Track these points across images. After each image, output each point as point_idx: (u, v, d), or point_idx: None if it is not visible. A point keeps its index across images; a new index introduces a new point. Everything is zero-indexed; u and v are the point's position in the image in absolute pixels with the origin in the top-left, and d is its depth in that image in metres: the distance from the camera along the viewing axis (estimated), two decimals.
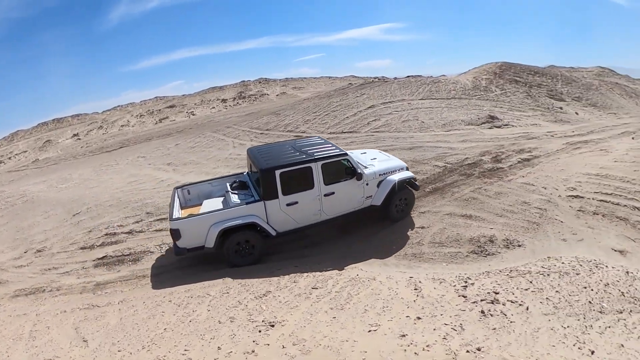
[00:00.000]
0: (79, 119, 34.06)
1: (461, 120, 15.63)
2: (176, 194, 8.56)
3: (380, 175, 8.59)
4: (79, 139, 28.99)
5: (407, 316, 5.30)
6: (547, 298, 6.01)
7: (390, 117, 16.06)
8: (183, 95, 35.77)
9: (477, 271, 7.25)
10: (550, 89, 20.70)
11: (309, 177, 7.71)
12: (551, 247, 8.38)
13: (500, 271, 7.10)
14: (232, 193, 8.24)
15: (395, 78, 24.93)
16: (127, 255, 9.17)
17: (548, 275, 6.81)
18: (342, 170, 8.10)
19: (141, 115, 30.53)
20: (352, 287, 6.22)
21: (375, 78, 29.42)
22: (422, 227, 9.00)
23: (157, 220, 10.18)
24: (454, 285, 6.31)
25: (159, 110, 30.90)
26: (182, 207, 8.53)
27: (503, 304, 5.73)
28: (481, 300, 5.76)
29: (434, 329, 4.90)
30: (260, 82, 35.86)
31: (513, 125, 15.34)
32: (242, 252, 7.72)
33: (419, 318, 5.23)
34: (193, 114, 28.43)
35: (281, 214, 7.70)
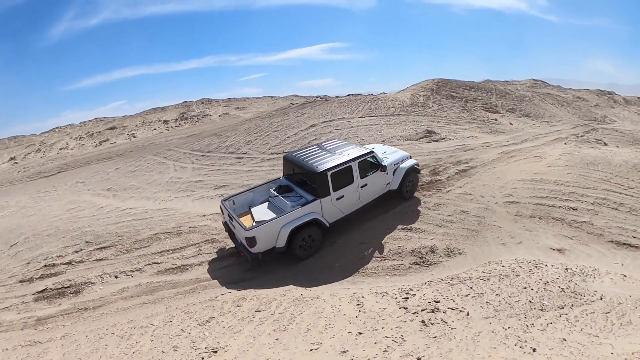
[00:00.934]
0: (16, 141, 32.38)
1: (400, 136, 16.06)
2: (226, 206, 9.06)
3: (394, 165, 10.23)
4: (16, 162, 27.46)
5: (349, 332, 5.36)
6: (487, 302, 6.24)
7: (331, 136, 16.21)
8: (124, 116, 34.52)
9: (419, 281, 7.44)
10: (485, 102, 21.60)
11: (350, 174, 9.08)
12: (491, 252, 8.75)
13: (441, 280, 7.32)
14: (282, 197, 9.15)
15: (337, 97, 25.21)
16: (68, 287, 8.83)
17: (488, 279, 7.08)
18: (369, 165, 9.54)
19: (81, 138, 29.34)
20: (296, 307, 6.24)
21: (317, 97, 29.68)
22: (364, 243, 9.14)
23: (97, 249, 9.86)
24: (396, 298, 6.44)
25: (99, 132, 29.73)
26: None
27: (444, 312, 5.90)
28: (422, 310, 5.90)
29: (375, 343, 4.98)
30: (202, 103, 35.20)
31: (450, 139, 15.91)
32: (305, 246, 8.70)
33: (360, 333, 5.30)
34: (134, 136, 27.53)
35: (332, 207, 8.93)
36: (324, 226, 8.83)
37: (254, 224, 8.49)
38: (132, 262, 9.22)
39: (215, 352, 5.21)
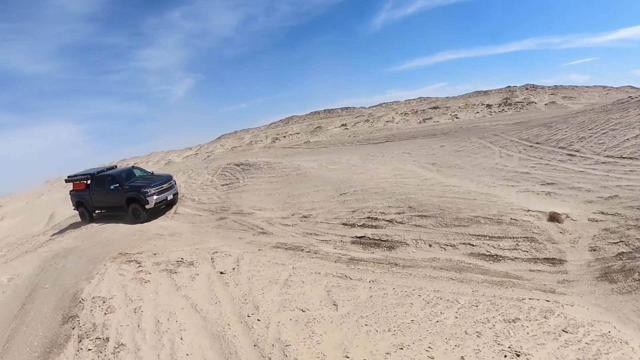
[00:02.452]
0: (347, 112, 38.03)
1: None
2: None
3: None
4: (347, 128, 32.36)
5: None
6: None
7: None
8: (446, 97, 36.46)
9: None
10: None
11: None
12: None
13: None
14: None
15: None
16: (384, 241, 10.08)
17: None
18: None
19: (405, 114, 32.33)
20: (603, 344, 5.83)
21: None
22: None
23: (418, 215, 10.74)
24: None
25: (423, 110, 32.11)
26: None
27: None
28: None
29: None
30: (527, 89, 33.91)
31: None
32: None
33: None
34: (457, 117, 28.67)
35: None
36: None
37: None
38: (448, 237, 9.66)
39: (518, 355, 5.41)
